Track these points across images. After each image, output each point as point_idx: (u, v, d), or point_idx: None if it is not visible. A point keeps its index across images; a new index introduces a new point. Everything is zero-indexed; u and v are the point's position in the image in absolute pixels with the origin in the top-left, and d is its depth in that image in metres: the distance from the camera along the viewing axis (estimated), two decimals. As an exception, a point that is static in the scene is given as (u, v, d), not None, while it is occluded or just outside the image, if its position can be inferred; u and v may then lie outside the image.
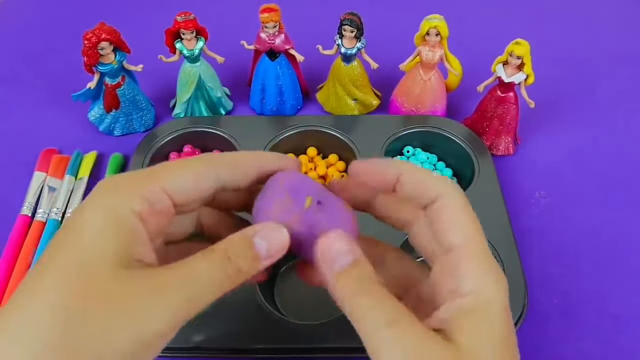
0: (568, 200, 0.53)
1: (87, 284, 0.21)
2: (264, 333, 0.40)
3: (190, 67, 0.56)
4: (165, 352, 0.40)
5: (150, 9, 0.76)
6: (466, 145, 0.53)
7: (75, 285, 0.21)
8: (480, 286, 0.24)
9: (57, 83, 0.64)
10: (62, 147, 0.57)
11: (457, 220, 0.25)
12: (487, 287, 0.24)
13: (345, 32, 0.53)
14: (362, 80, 0.58)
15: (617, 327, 0.44)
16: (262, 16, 0.53)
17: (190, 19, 0.53)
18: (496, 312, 0.23)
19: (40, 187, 0.52)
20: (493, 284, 0.24)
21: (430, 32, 0.52)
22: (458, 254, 0.24)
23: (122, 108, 0.56)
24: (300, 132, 0.55)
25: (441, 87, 0.57)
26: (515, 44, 0.50)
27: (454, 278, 0.24)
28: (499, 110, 0.54)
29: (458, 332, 0.23)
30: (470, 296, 0.23)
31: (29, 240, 0.48)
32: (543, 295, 0.46)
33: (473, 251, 0.24)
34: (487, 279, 0.24)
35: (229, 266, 0.23)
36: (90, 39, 0.50)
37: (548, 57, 0.60)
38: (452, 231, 0.25)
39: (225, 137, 0.54)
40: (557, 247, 0.49)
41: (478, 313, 0.23)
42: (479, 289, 0.24)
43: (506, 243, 0.45)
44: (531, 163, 0.56)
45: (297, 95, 0.60)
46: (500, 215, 0.47)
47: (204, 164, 0.26)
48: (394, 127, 0.55)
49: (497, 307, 0.24)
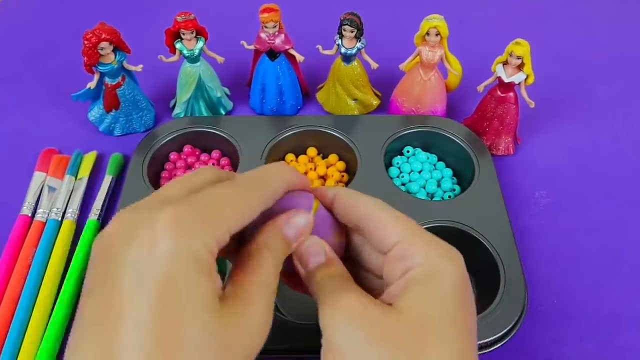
0: (568, 200, 0.53)
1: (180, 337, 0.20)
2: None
3: (190, 67, 0.56)
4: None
5: (150, 9, 0.76)
6: (466, 145, 0.53)
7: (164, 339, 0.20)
8: (430, 258, 0.25)
9: (57, 83, 0.64)
10: (62, 147, 0.57)
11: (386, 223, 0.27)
12: (436, 259, 0.25)
13: (345, 32, 0.53)
14: (362, 80, 0.58)
15: (617, 327, 0.44)
16: (262, 16, 0.53)
17: (190, 19, 0.53)
18: (447, 281, 0.24)
19: (40, 187, 0.52)
20: (443, 257, 0.25)
21: (430, 32, 0.52)
22: (402, 244, 0.26)
23: (122, 108, 0.56)
24: (300, 132, 0.55)
25: (441, 87, 0.57)
26: (515, 44, 0.50)
27: (403, 260, 0.26)
28: (499, 110, 0.54)
29: (405, 298, 0.24)
30: (420, 267, 0.25)
31: (29, 241, 0.48)
32: (543, 295, 0.46)
33: (416, 235, 0.26)
34: (436, 252, 0.25)
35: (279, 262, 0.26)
36: (90, 39, 0.50)
37: (548, 57, 0.61)
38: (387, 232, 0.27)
39: (225, 137, 0.54)
40: (557, 247, 0.49)
41: (428, 282, 0.24)
42: (429, 261, 0.25)
43: (506, 243, 0.45)
44: (531, 163, 0.56)
45: (297, 95, 0.60)
46: (500, 215, 0.47)
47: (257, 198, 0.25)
48: (394, 127, 0.55)
49: (448, 277, 0.25)
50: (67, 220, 0.50)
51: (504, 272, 0.43)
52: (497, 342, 0.40)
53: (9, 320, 0.43)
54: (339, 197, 0.29)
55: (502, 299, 0.42)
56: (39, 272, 0.46)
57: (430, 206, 0.49)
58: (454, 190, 0.53)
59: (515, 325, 0.41)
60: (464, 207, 0.48)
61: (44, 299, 0.44)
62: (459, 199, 0.50)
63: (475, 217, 0.47)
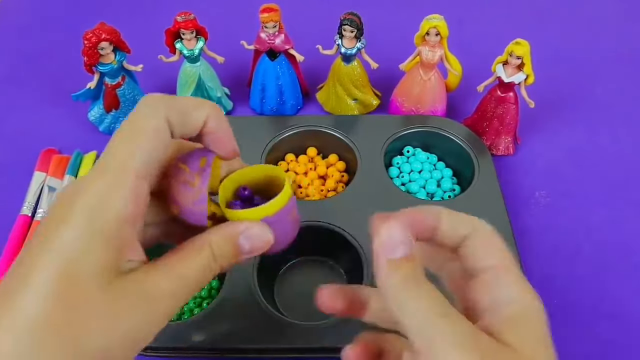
0: (568, 200, 0.53)
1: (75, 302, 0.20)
2: (264, 333, 0.40)
3: (190, 67, 0.56)
4: (165, 352, 0.40)
5: (150, 9, 0.76)
6: (466, 145, 0.53)
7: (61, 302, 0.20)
8: (522, 295, 0.25)
9: (57, 83, 0.64)
10: (62, 147, 0.57)
11: (490, 245, 0.26)
12: (527, 296, 0.25)
13: (345, 32, 0.53)
14: (362, 80, 0.58)
15: (617, 327, 0.44)
16: (262, 16, 0.53)
17: (190, 18, 0.53)
18: (538, 317, 0.25)
19: (40, 187, 0.52)
20: (530, 293, 0.25)
21: (430, 32, 0.52)
22: (496, 271, 0.25)
23: (122, 108, 0.56)
24: (300, 132, 0.55)
25: (441, 87, 0.57)
26: (515, 44, 0.50)
27: (495, 290, 0.25)
28: (499, 110, 0.54)
29: (507, 335, 0.23)
30: (514, 304, 0.24)
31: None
32: (543, 295, 0.45)
33: (510, 267, 0.26)
34: (526, 288, 0.25)
35: (215, 266, 0.24)
36: (90, 39, 0.50)
37: (548, 57, 0.61)
38: (488, 254, 0.26)
39: (225, 137, 0.54)
40: (557, 247, 0.49)
41: (523, 318, 0.24)
42: (521, 298, 0.25)
43: (506, 243, 0.45)
44: (531, 163, 0.56)
45: (297, 95, 0.60)
46: (500, 215, 0.47)
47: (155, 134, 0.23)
48: (394, 127, 0.55)
49: (538, 313, 0.25)
50: (67, 220, 0.50)
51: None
52: (497, 342, 0.40)
53: (9, 320, 0.43)
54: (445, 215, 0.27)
55: (502, 299, 0.42)
56: (39, 272, 0.46)
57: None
58: (454, 190, 0.53)
59: (515, 325, 0.41)
60: (464, 207, 0.47)
61: (44, 298, 0.44)
62: (459, 199, 0.50)
63: (475, 217, 0.47)
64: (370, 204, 0.49)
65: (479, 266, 0.26)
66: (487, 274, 0.25)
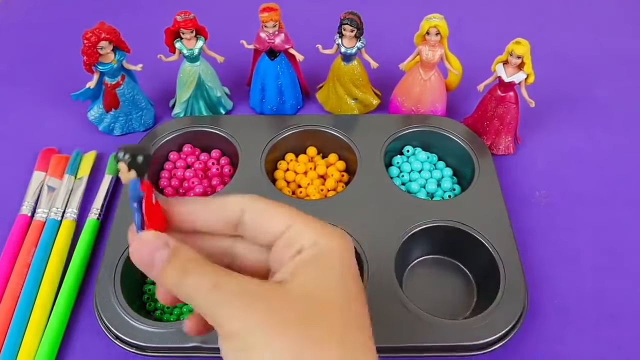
0: (568, 200, 0.53)
1: None
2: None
3: (190, 67, 0.56)
4: (165, 352, 0.40)
5: (150, 9, 0.76)
6: (466, 144, 0.53)
7: None
8: (319, 239, 0.25)
9: (57, 83, 0.64)
10: (61, 147, 0.57)
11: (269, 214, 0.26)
12: (324, 239, 0.25)
13: (345, 31, 0.53)
14: (362, 79, 0.58)
15: (617, 327, 0.44)
16: (262, 15, 0.53)
17: (190, 18, 0.53)
18: (337, 258, 0.25)
19: (40, 186, 0.52)
20: (331, 236, 0.25)
21: (430, 32, 0.52)
22: (291, 231, 0.25)
23: (121, 107, 0.56)
24: (300, 131, 0.55)
25: (441, 87, 0.56)
26: (516, 43, 0.50)
27: (293, 245, 0.25)
28: (499, 110, 0.54)
29: (294, 277, 0.24)
30: (310, 249, 0.25)
31: (29, 240, 0.48)
32: (543, 295, 0.46)
33: (304, 220, 0.26)
34: (324, 233, 0.25)
35: None
36: (90, 38, 0.50)
37: (548, 57, 0.61)
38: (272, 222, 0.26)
39: (225, 136, 0.54)
40: (557, 247, 0.49)
41: (317, 260, 0.24)
42: (317, 242, 0.25)
43: (506, 243, 0.45)
44: (531, 163, 0.56)
45: (297, 94, 0.60)
46: (501, 214, 0.47)
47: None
48: (394, 127, 0.55)
49: (337, 254, 0.25)
50: (66, 219, 0.50)
51: (504, 272, 0.43)
52: (497, 342, 0.40)
53: (9, 320, 0.43)
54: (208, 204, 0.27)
55: (502, 299, 0.42)
56: (38, 271, 0.46)
57: (430, 206, 0.49)
58: (454, 190, 0.53)
59: (515, 325, 0.41)
60: (464, 207, 0.48)
61: (43, 298, 0.44)
62: (459, 199, 0.50)
63: (475, 216, 0.47)
64: (370, 204, 0.49)
65: (268, 239, 0.26)
66: (281, 237, 0.26)
